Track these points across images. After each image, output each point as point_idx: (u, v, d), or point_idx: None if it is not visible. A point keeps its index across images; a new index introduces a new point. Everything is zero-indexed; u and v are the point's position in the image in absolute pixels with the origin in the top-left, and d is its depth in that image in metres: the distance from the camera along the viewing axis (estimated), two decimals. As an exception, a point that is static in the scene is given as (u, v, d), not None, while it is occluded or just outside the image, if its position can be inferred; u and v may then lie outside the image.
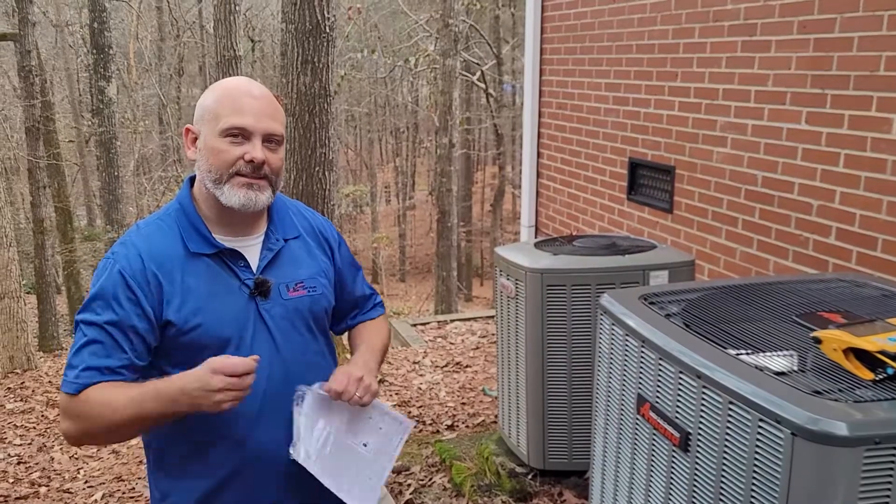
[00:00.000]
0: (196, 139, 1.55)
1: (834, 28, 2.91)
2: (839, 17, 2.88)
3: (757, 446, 1.39)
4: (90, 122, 15.90)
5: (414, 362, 6.15)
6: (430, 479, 3.56)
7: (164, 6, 20.16)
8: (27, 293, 10.45)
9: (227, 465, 1.54)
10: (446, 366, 5.96)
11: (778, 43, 3.18)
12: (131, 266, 1.48)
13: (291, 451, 1.54)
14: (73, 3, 20.57)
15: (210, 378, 1.36)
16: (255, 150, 1.49)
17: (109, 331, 1.46)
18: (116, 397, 1.42)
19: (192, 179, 1.61)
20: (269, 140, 1.52)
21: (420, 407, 4.90)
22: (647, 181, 4.22)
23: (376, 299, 1.89)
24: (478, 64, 18.72)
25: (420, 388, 5.34)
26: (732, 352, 1.59)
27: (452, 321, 8.05)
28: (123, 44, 20.37)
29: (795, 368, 1.52)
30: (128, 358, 1.47)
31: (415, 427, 4.45)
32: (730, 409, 1.45)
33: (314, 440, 1.55)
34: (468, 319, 8.14)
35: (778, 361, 1.54)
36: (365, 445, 1.64)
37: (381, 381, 4.84)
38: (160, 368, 1.52)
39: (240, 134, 1.49)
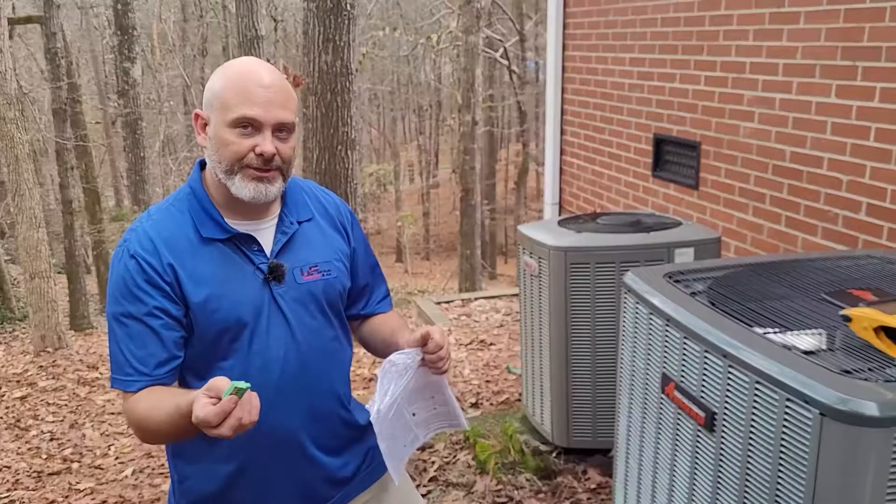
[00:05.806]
0: (206, 125, 1.51)
1: (867, -3, 2.83)
2: (872, -14, 2.80)
3: (784, 427, 1.37)
4: (116, 104, 16.07)
5: (438, 340, 6.15)
6: (455, 457, 3.58)
7: (186, -14, 20.21)
8: (57, 273, 10.61)
9: (243, 452, 1.54)
10: (470, 343, 5.96)
11: (807, 14, 3.10)
12: (144, 250, 1.46)
13: (368, 408, 1.54)
14: (97, -15, 20.67)
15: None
16: (265, 144, 1.45)
17: (145, 321, 1.44)
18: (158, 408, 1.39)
19: (203, 163, 1.58)
20: (280, 129, 1.48)
21: (444, 385, 4.92)
22: (673, 157, 4.16)
23: (386, 290, 1.85)
24: (500, 40, 18.55)
25: (444, 367, 5.35)
26: (759, 330, 1.57)
27: (476, 299, 8.04)
28: (147, 25, 20.46)
29: (824, 347, 1.49)
30: (167, 349, 1.46)
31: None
32: (756, 389, 1.43)
33: (385, 402, 1.53)
34: (492, 297, 8.13)
35: (806, 340, 1.51)
36: (413, 415, 1.63)
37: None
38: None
39: (249, 125, 1.46)
